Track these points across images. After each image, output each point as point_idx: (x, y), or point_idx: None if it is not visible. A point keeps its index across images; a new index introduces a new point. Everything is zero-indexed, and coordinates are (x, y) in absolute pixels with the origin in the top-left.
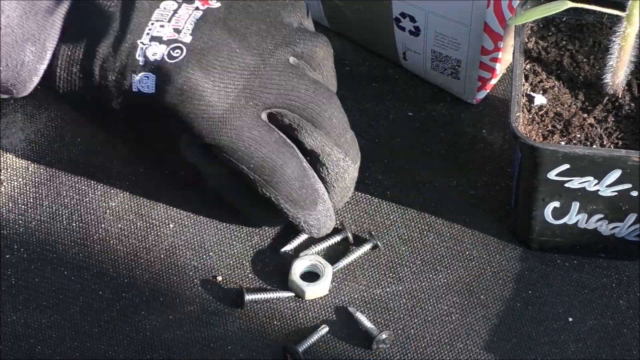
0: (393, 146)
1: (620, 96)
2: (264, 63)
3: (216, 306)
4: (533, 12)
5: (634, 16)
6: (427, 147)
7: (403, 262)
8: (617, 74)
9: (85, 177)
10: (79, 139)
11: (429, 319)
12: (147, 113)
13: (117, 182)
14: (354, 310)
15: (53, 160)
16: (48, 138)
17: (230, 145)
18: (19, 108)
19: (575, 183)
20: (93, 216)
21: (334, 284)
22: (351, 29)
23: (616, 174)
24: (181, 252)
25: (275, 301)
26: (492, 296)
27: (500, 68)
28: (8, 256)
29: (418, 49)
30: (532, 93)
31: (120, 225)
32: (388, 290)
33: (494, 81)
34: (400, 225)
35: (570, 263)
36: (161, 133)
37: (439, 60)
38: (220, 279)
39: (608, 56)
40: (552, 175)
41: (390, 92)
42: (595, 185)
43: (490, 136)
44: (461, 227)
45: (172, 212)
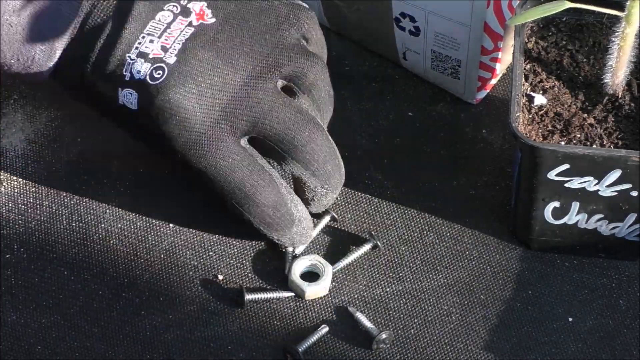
0: (393, 146)
1: (620, 96)
2: (248, 88)
3: (216, 306)
4: (533, 12)
5: (633, 16)
6: (427, 147)
7: (403, 262)
8: (617, 74)
9: (85, 177)
10: (79, 139)
11: (429, 319)
12: (134, 126)
13: (117, 182)
14: (354, 310)
15: (53, 160)
16: (48, 138)
17: (208, 169)
18: (19, 108)
19: (575, 183)
20: (93, 216)
21: (334, 284)
22: (351, 29)
23: (616, 174)
24: (181, 252)
25: (275, 301)
26: (492, 296)
27: (500, 68)
28: (8, 256)
29: (418, 49)
30: (532, 93)
31: (120, 225)
32: (388, 290)
33: (494, 81)
34: (400, 225)
35: (570, 263)
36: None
37: (439, 60)
38: (221, 278)
39: (608, 56)
40: (552, 175)
41: (390, 92)
42: (595, 185)
43: (490, 136)
44: (461, 227)
45: (172, 212)
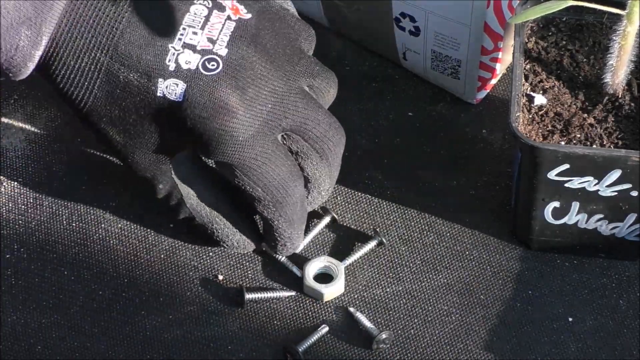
0: (393, 146)
1: (620, 96)
2: (289, 88)
3: (216, 306)
4: (533, 11)
5: (634, 15)
6: (427, 147)
7: (403, 262)
8: (617, 74)
9: (85, 177)
10: (79, 139)
11: (429, 319)
12: (164, 118)
13: (117, 182)
14: (354, 310)
15: (53, 160)
16: (48, 138)
17: (250, 166)
18: (19, 108)
19: (575, 183)
20: (93, 216)
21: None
22: (351, 29)
23: (616, 174)
24: (181, 252)
25: (275, 301)
26: (492, 296)
27: (500, 68)
28: (8, 256)
29: (418, 49)
30: (532, 93)
31: (120, 225)
32: (388, 290)
33: (494, 81)
34: (400, 225)
35: (570, 263)
36: (165, 142)
37: (439, 60)
38: (221, 278)
39: (608, 55)
40: (552, 175)
41: (390, 92)
42: (595, 185)
43: (490, 136)
44: (461, 227)
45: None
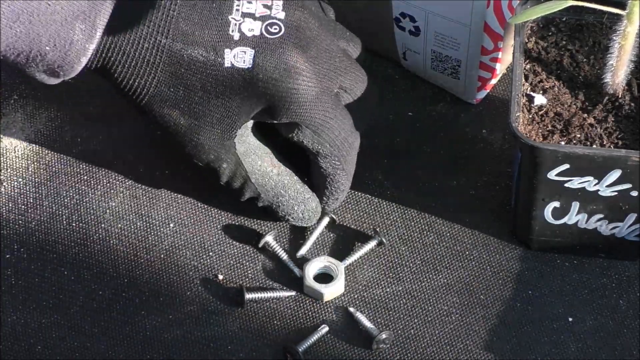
0: (393, 146)
1: (620, 96)
2: (336, 47)
3: (216, 306)
4: (533, 11)
5: (635, 15)
6: (427, 147)
7: (403, 262)
8: (617, 74)
9: (85, 177)
10: (79, 139)
11: (429, 319)
12: (232, 89)
13: (117, 182)
14: (354, 310)
15: (53, 160)
16: (48, 138)
17: (319, 122)
18: (19, 108)
19: (575, 183)
20: (93, 216)
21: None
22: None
23: (616, 174)
24: (181, 252)
25: (275, 301)
26: (492, 296)
27: (500, 68)
28: (8, 256)
29: (418, 49)
30: (532, 93)
31: (120, 225)
32: (388, 290)
33: (494, 81)
34: (400, 225)
35: (570, 263)
36: (231, 115)
37: (439, 60)
38: (221, 278)
39: (608, 55)
40: (552, 175)
41: (390, 92)
42: (595, 185)
43: (490, 136)
44: (461, 227)
45: (172, 212)
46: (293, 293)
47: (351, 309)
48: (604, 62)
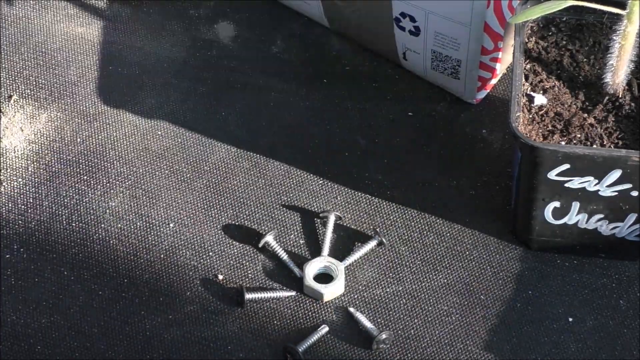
0: (393, 146)
1: (620, 96)
2: None
3: (216, 306)
4: (533, 11)
5: (635, 14)
6: (427, 147)
7: (403, 262)
8: (618, 74)
9: (85, 177)
10: (79, 139)
11: (429, 319)
12: None
13: (117, 182)
14: (354, 310)
15: (53, 160)
16: (48, 138)
17: None
18: (19, 108)
19: (575, 183)
20: (93, 216)
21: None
22: (351, 29)
23: (616, 174)
24: (181, 252)
25: (275, 301)
26: (492, 296)
27: (500, 68)
28: (8, 256)
29: (418, 49)
30: (532, 93)
31: (120, 225)
32: (388, 290)
33: (494, 81)
34: (400, 225)
35: (570, 263)
36: None
37: (439, 60)
38: (221, 278)
39: (608, 55)
40: (552, 175)
41: (390, 92)
42: (595, 185)
43: (490, 136)
44: (461, 227)
45: (172, 212)
46: (293, 293)
47: (351, 309)
48: (604, 62)
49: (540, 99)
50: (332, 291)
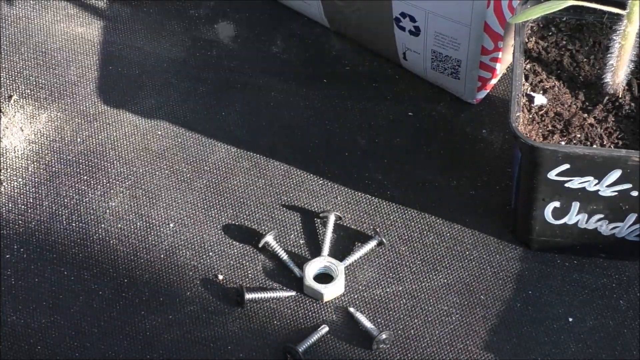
0: (393, 146)
1: (620, 96)
2: None
3: (216, 306)
4: (533, 11)
5: (635, 14)
6: (427, 147)
7: (403, 262)
8: (618, 74)
9: (85, 177)
10: (79, 139)
11: (429, 319)
12: None
13: (117, 182)
14: (354, 310)
15: (53, 160)
16: (48, 138)
17: None
18: (19, 108)
19: (575, 183)
20: (93, 216)
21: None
22: (351, 29)
23: (616, 174)
24: (181, 252)
25: (275, 301)
26: (492, 296)
27: (500, 68)
28: (8, 256)
29: (418, 49)
30: (532, 93)
31: (120, 225)
32: (388, 290)
33: (494, 81)
34: (400, 225)
35: (570, 263)
36: None
37: (439, 60)
38: (221, 278)
39: (608, 55)
40: (552, 175)
41: (390, 92)
42: (595, 185)
43: (490, 136)
44: (461, 227)
45: (172, 212)
46: (293, 293)
47: (351, 309)
48: (604, 62)
49: (540, 99)
50: (332, 291)
